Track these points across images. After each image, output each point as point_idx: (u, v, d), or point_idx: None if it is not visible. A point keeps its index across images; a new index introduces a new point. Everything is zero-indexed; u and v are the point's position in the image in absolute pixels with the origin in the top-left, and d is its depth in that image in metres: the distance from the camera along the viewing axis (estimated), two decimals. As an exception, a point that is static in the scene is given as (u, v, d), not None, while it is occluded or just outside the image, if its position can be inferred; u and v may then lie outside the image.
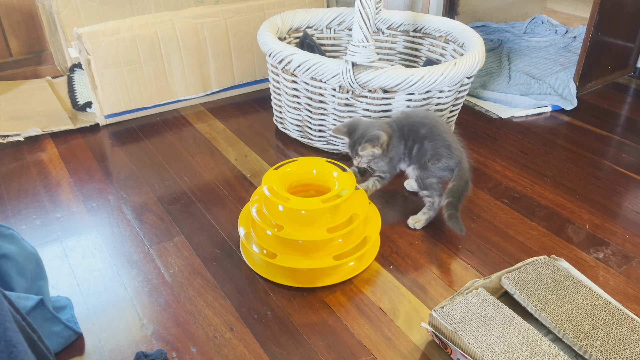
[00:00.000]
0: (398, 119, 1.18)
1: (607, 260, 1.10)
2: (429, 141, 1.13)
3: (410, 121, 1.16)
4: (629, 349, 0.81)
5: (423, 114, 1.17)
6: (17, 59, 1.88)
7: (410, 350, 0.91)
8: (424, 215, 1.18)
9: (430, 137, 1.13)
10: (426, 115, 1.17)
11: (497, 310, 0.88)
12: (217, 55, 1.74)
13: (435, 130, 1.14)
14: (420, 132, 1.14)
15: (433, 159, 1.13)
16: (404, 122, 1.16)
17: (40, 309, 0.85)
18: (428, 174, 1.14)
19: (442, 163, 1.13)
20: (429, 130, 1.13)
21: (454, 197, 1.12)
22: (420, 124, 1.14)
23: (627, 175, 1.39)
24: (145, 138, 1.57)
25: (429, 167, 1.13)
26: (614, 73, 1.92)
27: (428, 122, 1.14)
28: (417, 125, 1.14)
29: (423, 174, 1.15)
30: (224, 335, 0.93)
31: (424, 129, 1.14)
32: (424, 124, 1.14)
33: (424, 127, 1.14)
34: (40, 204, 1.28)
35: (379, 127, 1.14)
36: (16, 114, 1.64)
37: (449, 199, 1.12)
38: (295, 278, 1.03)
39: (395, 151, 1.15)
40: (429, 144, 1.13)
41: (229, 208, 1.26)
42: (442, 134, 1.13)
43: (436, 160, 1.13)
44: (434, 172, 1.14)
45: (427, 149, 1.13)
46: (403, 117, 1.18)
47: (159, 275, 1.06)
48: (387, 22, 1.69)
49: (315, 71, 1.31)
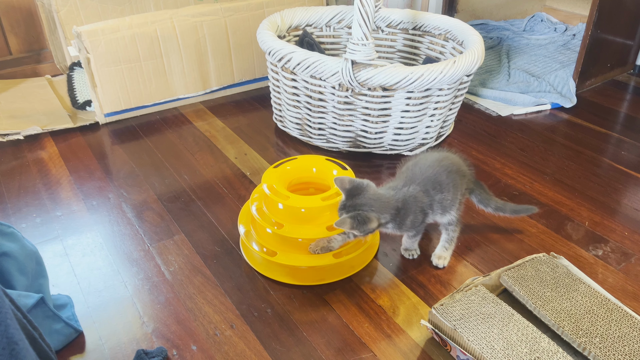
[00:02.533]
0: (413, 176, 1.03)
1: (606, 258, 1.10)
2: (453, 186, 1.04)
3: (430, 175, 1.03)
4: (627, 346, 0.82)
5: (431, 161, 1.05)
6: (16, 58, 1.88)
7: (410, 347, 0.91)
8: (447, 252, 1.09)
9: (455, 183, 1.05)
10: (438, 161, 1.06)
11: (497, 308, 0.88)
12: (216, 53, 1.74)
13: (455, 175, 1.05)
14: (445, 181, 1.03)
15: (462, 196, 1.07)
16: (425, 178, 1.02)
17: (41, 307, 0.86)
18: (458, 213, 1.08)
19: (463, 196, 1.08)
20: (449, 177, 1.04)
21: (493, 200, 1.12)
22: (441, 174, 1.03)
23: (626, 172, 1.39)
24: (145, 136, 1.57)
25: (454, 209, 1.06)
26: (613, 71, 1.92)
27: (446, 166, 1.05)
28: (441, 176, 1.03)
29: (455, 214, 1.07)
30: (224, 333, 0.93)
31: (443, 176, 1.03)
32: (442, 172, 1.03)
33: (443, 174, 1.03)
34: (40, 202, 1.28)
35: (379, 207, 0.96)
36: (16, 113, 1.64)
37: (492, 205, 1.12)
38: (295, 276, 1.03)
39: (414, 216, 1.00)
40: (456, 190, 1.05)
41: (229, 206, 1.26)
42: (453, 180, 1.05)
43: (453, 204, 1.05)
44: (460, 208, 1.08)
45: (447, 198, 1.04)
46: (419, 174, 1.03)
47: (159, 273, 1.07)
48: (386, 20, 1.69)
49: (315, 69, 1.31)
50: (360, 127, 1.40)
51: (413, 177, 1.02)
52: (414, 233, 1.06)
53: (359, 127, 1.40)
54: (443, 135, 1.53)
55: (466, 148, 1.50)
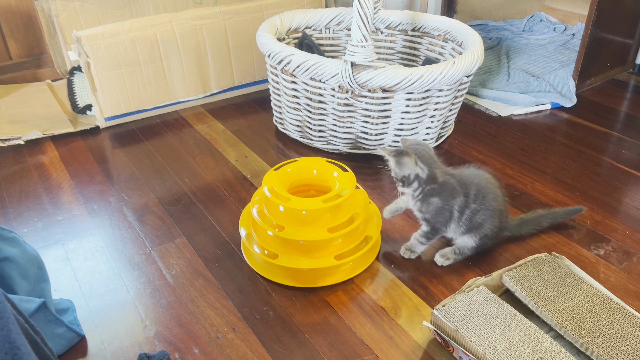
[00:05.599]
0: (462, 175, 1.05)
1: (607, 257, 1.10)
2: (491, 210, 1.04)
3: (481, 183, 1.05)
4: (630, 345, 0.82)
5: (486, 176, 1.07)
6: (16, 62, 1.88)
7: (413, 348, 0.91)
8: (454, 255, 1.09)
9: (493, 206, 1.04)
10: (489, 179, 1.07)
11: (499, 308, 0.88)
12: (216, 56, 1.74)
13: (498, 198, 1.06)
14: (488, 198, 1.04)
15: (492, 226, 1.05)
16: (472, 181, 1.04)
17: (42, 311, 0.86)
18: (484, 241, 1.07)
19: (496, 230, 1.07)
20: (494, 197, 1.05)
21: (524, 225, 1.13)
22: (488, 190, 1.04)
23: (627, 171, 1.39)
24: (146, 140, 1.57)
25: (487, 234, 1.06)
26: (613, 70, 1.92)
27: (493, 189, 1.05)
28: (487, 192, 1.04)
29: (480, 242, 1.06)
30: (226, 336, 0.93)
31: (491, 195, 1.04)
32: (490, 189, 1.05)
33: (491, 193, 1.05)
34: (41, 206, 1.28)
35: (424, 159, 1.01)
36: (16, 118, 1.65)
37: (525, 230, 1.13)
38: (297, 278, 1.03)
39: (444, 201, 1.02)
40: (491, 213, 1.04)
41: (230, 209, 1.26)
42: (501, 202, 1.06)
43: (493, 227, 1.05)
44: (488, 239, 1.07)
45: (479, 216, 1.04)
46: (471, 176, 1.06)
47: (161, 277, 1.07)
48: (385, 22, 1.69)
49: (315, 71, 1.31)
50: (361, 129, 1.40)
51: (460, 176, 1.05)
52: (429, 229, 1.06)
53: (360, 128, 1.40)
54: (443, 136, 1.53)
55: (466, 149, 1.50)
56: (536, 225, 1.15)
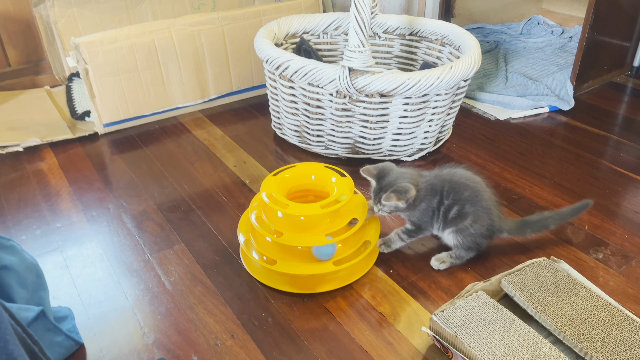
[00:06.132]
0: (439, 175, 1.09)
1: (606, 261, 1.10)
2: (470, 205, 1.05)
3: (453, 179, 1.07)
4: (629, 350, 0.82)
5: (468, 175, 1.09)
6: (15, 69, 1.89)
7: (412, 354, 0.91)
8: (450, 259, 1.09)
9: (473, 201, 1.06)
10: (470, 178, 1.09)
11: (498, 313, 0.88)
12: (214, 62, 1.74)
13: (478, 194, 1.07)
14: (463, 194, 1.06)
15: (476, 224, 1.06)
16: (445, 179, 1.08)
17: (41, 319, 0.86)
18: (469, 238, 1.07)
19: (484, 229, 1.07)
20: (472, 193, 1.06)
21: (528, 227, 1.12)
22: (464, 186, 1.06)
23: (626, 174, 1.39)
24: (144, 146, 1.58)
25: (470, 232, 1.06)
26: (611, 72, 1.93)
27: (472, 186, 1.07)
28: (461, 187, 1.06)
29: (464, 239, 1.07)
30: (225, 343, 0.93)
31: (467, 192, 1.06)
32: (467, 186, 1.06)
33: (468, 189, 1.06)
34: (40, 214, 1.28)
35: (410, 178, 1.05)
36: (15, 124, 1.65)
37: (527, 229, 1.12)
38: (296, 284, 1.03)
39: (427, 203, 1.06)
40: (470, 208, 1.05)
41: (229, 215, 1.26)
42: (486, 200, 1.07)
43: (480, 226, 1.06)
44: (474, 237, 1.07)
45: (469, 213, 1.05)
46: (445, 174, 1.09)
47: (160, 284, 1.06)
48: (383, 26, 1.69)
49: (312, 77, 1.31)
50: (359, 134, 1.40)
51: (440, 175, 1.09)
52: (413, 228, 1.10)
53: (358, 133, 1.40)
54: (442, 140, 1.53)
55: (465, 152, 1.51)
56: (542, 227, 1.13)
